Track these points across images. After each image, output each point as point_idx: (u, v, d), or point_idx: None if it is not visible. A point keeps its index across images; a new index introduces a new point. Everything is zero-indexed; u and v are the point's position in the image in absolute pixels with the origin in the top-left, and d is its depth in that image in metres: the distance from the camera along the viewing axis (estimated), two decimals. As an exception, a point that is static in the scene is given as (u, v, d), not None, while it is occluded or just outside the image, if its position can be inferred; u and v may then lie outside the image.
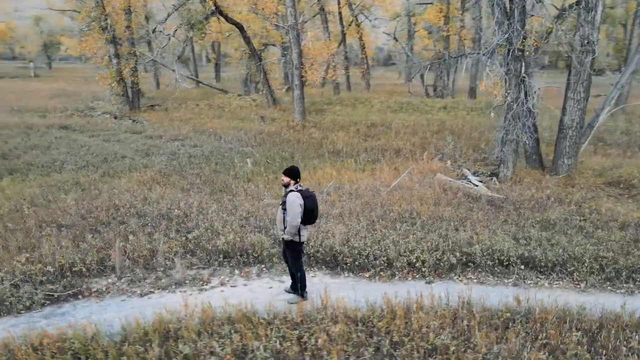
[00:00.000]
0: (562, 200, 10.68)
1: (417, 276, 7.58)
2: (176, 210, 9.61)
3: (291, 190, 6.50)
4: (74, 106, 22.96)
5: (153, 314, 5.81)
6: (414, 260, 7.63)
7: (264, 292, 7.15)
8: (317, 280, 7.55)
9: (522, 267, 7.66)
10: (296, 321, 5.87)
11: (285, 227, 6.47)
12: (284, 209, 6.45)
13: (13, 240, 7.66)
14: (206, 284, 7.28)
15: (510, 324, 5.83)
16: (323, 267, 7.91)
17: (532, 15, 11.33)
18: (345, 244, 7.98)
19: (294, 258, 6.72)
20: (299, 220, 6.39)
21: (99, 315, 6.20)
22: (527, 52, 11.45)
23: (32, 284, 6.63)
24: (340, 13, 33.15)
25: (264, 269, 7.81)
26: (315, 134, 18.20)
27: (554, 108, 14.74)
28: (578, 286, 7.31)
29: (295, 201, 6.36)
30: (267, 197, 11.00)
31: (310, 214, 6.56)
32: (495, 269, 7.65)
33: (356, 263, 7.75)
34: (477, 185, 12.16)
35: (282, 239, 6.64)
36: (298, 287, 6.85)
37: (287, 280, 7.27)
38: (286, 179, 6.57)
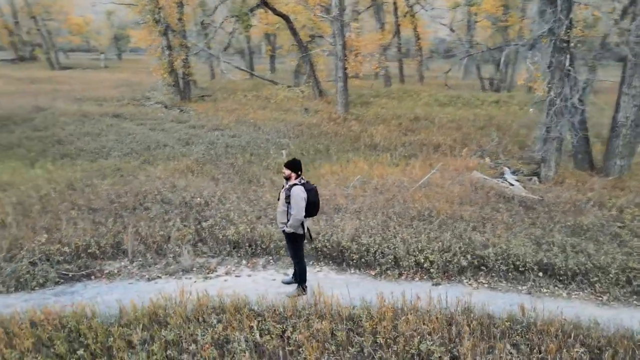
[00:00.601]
0: (603, 204, 9.90)
1: (425, 277, 7.33)
2: (198, 198, 9.87)
3: (295, 184, 6.48)
4: (132, 96, 24.12)
5: (150, 299, 6.01)
6: (422, 260, 7.38)
7: (267, 283, 7.20)
8: (321, 275, 7.50)
9: (540, 274, 7.20)
10: (285, 315, 5.86)
11: (287, 220, 6.48)
12: (288, 203, 6.45)
13: (40, 221, 8.20)
14: (212, 273, 7.44)
15: (508, 334, 5.50)
16: (330, 262, 7.84)
17: (578, 3, 10.49)
18: (353, 240, 7.85)
19: (295, 250, 6.72)
20: (304, 213, 6.38)
21: (105, 296, 6.53)
22: (573, 43, 10.63)
23: (49, 263, 7.07)
24: (395, 3, 32.45)
25: (271, 261, 7.86)
26: (354, 127, 18.01)
27: (605, 105, 13.65)
28: (599, 298, 6.76)
29: (299, 195, 6.36)
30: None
31: (312, 207, 6.55)
32: (510, 274, 7.24)
33: (362, 260, 7.61)
34: (512, 185, 11.55)
35: (283, 231, 6.64)
36: (298, 279, 6.86)
37: (290, 272, 7.30)
38: (287, 172, 6.56)
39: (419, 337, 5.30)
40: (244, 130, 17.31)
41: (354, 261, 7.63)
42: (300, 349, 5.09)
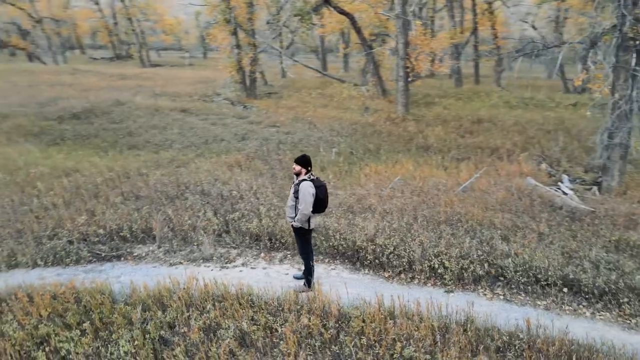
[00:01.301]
0: (664, 220, 8.93)
1: (439, 283, 7.11)
2: (235, 191, 10.28)
3: (304, 179, 6.58)
4: (204, 92, 25.46)
5: (158, 282, 6.43)
6: (437, 265, 7.16)
7: (279, 277, 7.38)
8: (334, 274, 7.54)
9: (565, 290, 6.70)
10: (281, 308, 6.00)
11: (295, 215, 6.60)
12: (296, 197, 6.57)
13: (88, 204, 9.01)
14: (230, 263, 7.76)
15: (502, 349, 5.22)
16: (346, 261, 7.85)
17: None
18: (370, 241, 7.79)
19: (302, 245, 6.83)
20: (311, 209, 6.47)
21: (126, 277, 7.07)
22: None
23: (86, 243, 7.78)
24: (473, 0, 31.23)
25: (288, 255, 8.02)
26: (410, 127, 17.67)
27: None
28: (627, 321, 6.16)
29: (308, 190, 6.45)
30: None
31: (320, 203, 6.61)
32: (530, 287, 6.81)
33: (377, 261, 7.54)
34: (565, 194, 10.76)
35: (292, 225, 6.78)
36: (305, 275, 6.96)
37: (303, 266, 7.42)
38: (297, 167, 6.67)
39: (404, 342, 5.20)
40: (299, 128, 17.64)
41: (369, 262, 7.58)
42: (281, 342, 5.20)
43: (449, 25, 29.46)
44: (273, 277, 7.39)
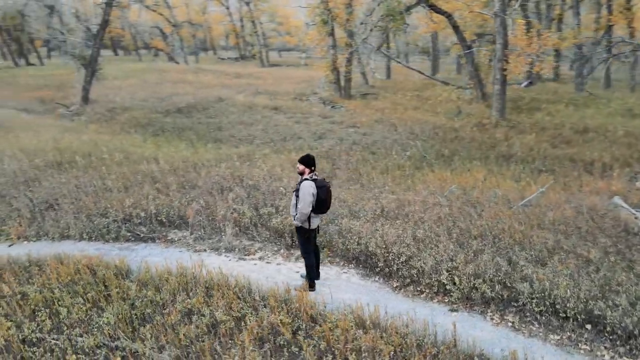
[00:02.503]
0: None
1: (446, 300, 6.64)
2: (282, 188, 10.58)
3: (306, 179, 6.63)
4: (302, 91, 26.36)
5: (164, 265, 6.96)
6: (445, 281, 6.68)
7: (288, 274, 7.49)
8: (344, 277, 7.45)
9: (588, 326, 5.82)
10: (265, 303, 6.12)
11: (296, 214, 6.68)
12: (297, 196, 6.64)
13: (142, 189, 9.96)
14: (248, 255, 8.07)
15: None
16: (360, 266, 7.68)
17: None
18: (382, 247, 7.52)
19: (302, 244, 6.87)
20: (310, 208, 6.51)
21: (151, 257, 7.76)
22: None
23: (129, 224, 8.68)
24: (606, -5, 27.84)
25: (306, 254, 8.07)
26: (498, 134, 16.43)
27: None
28: (653, 374, 5.17)
29: (308, 190, 6.50)
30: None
31: (322, 204, 6.61)
32: (545, 318, 6.03)
33: (387, 269, 7.26)
34: (653, 219, 9.23)
35: (294, 224, 6.85)
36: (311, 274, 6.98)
37: (322, 268, 7.45)
38: (301, 167, 6.73)
39: (364, 353, 5.00)
40: (379, 129, 17.45)
41: (379, 269, 7.34)
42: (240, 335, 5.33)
43: (573, 23, 26.57)
44: (283, 273, 7.53)
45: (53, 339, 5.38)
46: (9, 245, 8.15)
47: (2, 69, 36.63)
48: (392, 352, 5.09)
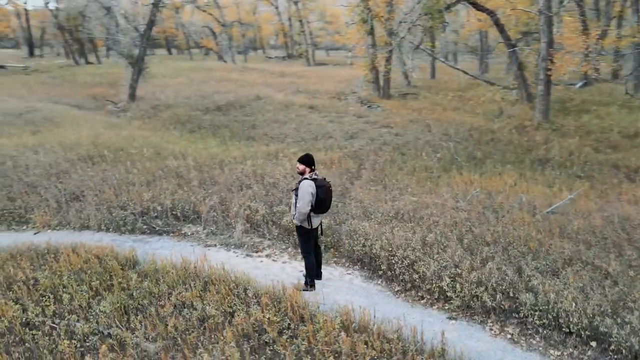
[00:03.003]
0: None
1: (446, 308, 6.42)
2: (300, 186, 10.59)
3: (305, 178, 6.62)
4: (342, 90, 26.28)
5: (167, 258, 7.16)
6: (446, 287, 6.46)
7: (292, 272, 7.50)
8: (347, 279, 7.38)
9: (592, 343, 5.45)
10: (258, 300, 6.16)
11: (296, 213, 6.69)
12: (296, 195, 6.65)
13: (163, 184, 10.26)
14: (256, 252, 8.15)
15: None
16: (364, 268, 7.58)
17: None
18: (387, 250, 7.37)
19: (302, 243, 6.86)
20: (309, 208, 6.50)
21: (161, 250, 8.00)
22: None
23: (147, 217, 8.98)
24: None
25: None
26: (537, 137, 15.69)
27: None
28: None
29: (307, 189, 6.49)
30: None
31: (321, 204, 6.58)
32: (548, 332, 5.70)
33: (390, 273, 7.12)
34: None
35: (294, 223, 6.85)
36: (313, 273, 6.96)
37: (323, 267, 7.43)
38: (301, 167, 6.72)
39: (343, 356, 4.93)
40: (412, 130, 17.11)
41: (382, 272, 7.21)
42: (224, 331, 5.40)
43: (632, 20, 24.88)
44: (287, 271, 7.56)
45: (53, 322, 5.66)
46: (35, 233, 8.68)
47: (63, 67, 38.92)
48: (375, 357, 4.97)
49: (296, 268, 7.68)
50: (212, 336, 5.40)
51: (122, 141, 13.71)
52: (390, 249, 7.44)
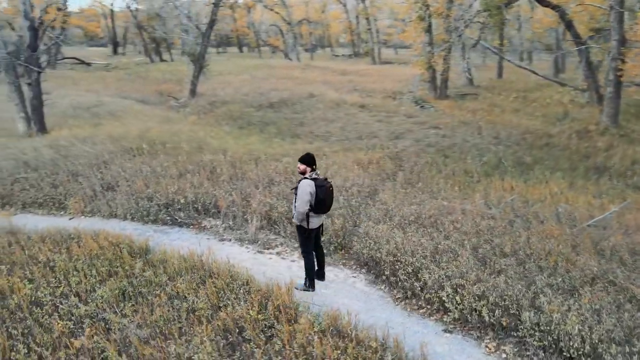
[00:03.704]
0: None
1: (445, 319, 6.09)
2: (326, 186, 10.50)
3: (305, 178, 6.57)
4: (399, 89, 25.74)
5: (176, 249, 7.39)
6: (445, 298, 6.12)
7: (299, 271, 7.45)
8: (350, 282, 7.23)
9: (596, 372, 4.93)
10: (249, 297, 6.19)
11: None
12: (296, 195, 6.61)
13: (193, 178, 10.57)
14: (267, 249, 8.20)
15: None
16: (370, 272, 7.37)
17: None
18: (392, 255, 7.11)
19: (302, 243, 6.81)
20: (307, 207, 6.45)
21: (177, 241, 8.28)
22: None
23: (171, 209, 9.33)
24: None
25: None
26: (600, 143, 14.46)
27: None
28: None
29: (306, 189, 6.45)
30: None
31: (321, 204, 6.50)
32: (546, 354, 5.22)
33: (392, 279, 6.87)
34: None
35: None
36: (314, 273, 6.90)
37: (329, 269, 7.36)
38: (302, 167, 6.66)
39: (310, 358, 4.84)
40: (461, 132, 16.42)
41: (386, 277, 6.97)
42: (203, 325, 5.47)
43: None
44: (293, 270, 7.53)
45: (59, 303, 6.03)
46: (70, 219, 9.32)
47: (139, 64, 41.46)
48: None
49: (302, 267, 7.61)
50: (193, 329, 5.49)
51: (168, 135, 14.34)
52: (396, 253, 7.18)
